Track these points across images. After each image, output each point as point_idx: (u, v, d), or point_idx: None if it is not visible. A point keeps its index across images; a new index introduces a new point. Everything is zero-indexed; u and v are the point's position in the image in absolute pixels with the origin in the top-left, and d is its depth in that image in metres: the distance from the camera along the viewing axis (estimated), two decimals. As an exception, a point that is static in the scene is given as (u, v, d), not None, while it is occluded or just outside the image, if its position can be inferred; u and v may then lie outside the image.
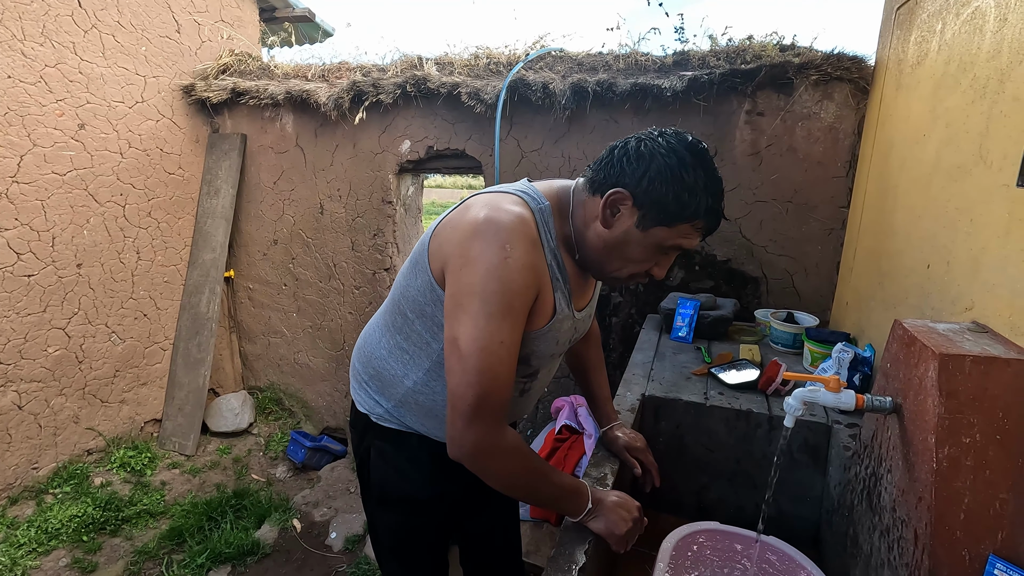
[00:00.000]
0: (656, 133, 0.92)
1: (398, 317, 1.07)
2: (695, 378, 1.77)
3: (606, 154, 0.95)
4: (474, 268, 0.86)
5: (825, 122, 2.15)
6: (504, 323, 0.86)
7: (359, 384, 1.18)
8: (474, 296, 0.85)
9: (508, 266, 0.85)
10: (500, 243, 0.86)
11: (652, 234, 0.91)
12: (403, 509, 1.16)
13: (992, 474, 0.85)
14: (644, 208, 0.90)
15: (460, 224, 0.92)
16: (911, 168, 1.52)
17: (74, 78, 2.55)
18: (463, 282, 0.87)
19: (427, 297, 0.99)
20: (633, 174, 0.89)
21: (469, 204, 0.95)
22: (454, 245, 0.90)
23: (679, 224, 0.90)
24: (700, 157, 0.89)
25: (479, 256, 0.86)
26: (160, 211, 3.01)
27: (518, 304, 0.87)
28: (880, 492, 1.10)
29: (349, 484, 2.93)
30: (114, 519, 2.53)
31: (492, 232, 0.86)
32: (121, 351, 2.92)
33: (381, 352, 1.10)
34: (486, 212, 0.89)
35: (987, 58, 1.12)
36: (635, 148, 0.91)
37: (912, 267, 1.42)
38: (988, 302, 1.02)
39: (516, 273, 0.86)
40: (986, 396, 0.87)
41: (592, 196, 0.95)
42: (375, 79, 2.70)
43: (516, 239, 0.87)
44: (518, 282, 0.86)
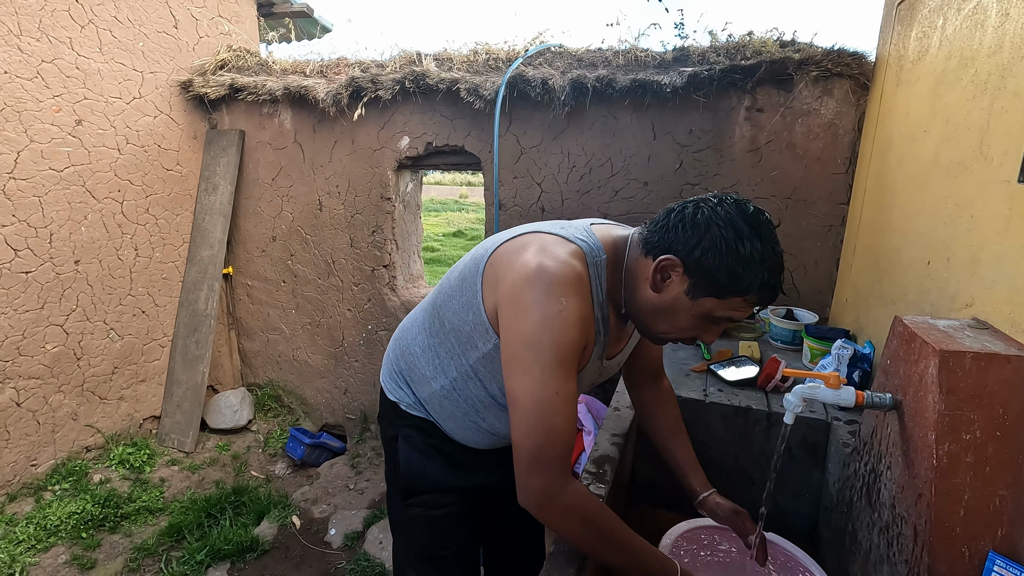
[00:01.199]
0: (716, 200, 0.89)
1: (435, 322, 1.10)
2: (694, 375, 1.77)
3: (663, 216, 0.94)
4: (528, 319, 0.86)
5: (825, 118, 2.15)
6: (557, 373, 0.85)
7: (391, 373, 1.22)
8: (528, 347, 0.86)
9: (563, 319, 0.85)
10: (555, 296, 0.86)
11: (701, 304, 0.90)
12: (428, 500, 1.18)
13: (992, 471, 0.85)
14: (695, 277, 0.88)
15: (515, 264, 0.91)
16: (910, 164, 1.52)
17: (71, 73, 2.53)
18: (517, 332, 0.87)
19: (469, 319, 1.01)
20: (687, 242, 0.88)
21: (527, 241, 0.95)
22: (508, 287, 0.90)
23: (730, 297, 0.88)
24: (759, 229, 0.86)
25: (533, 307, 0.86)
26: (158, 207, 3.00)
27: (570, 355, 0.87)
28: (880, 488, 1.10)
29: (348, 481, 2.93)
30: (113, 516, 2.53)
31: (546, 283, 0.86)
32: (119, 348, 2.91)
33: (415, 349, 1.15)
34: (541, 260, 0.88)
35: (988, 53, 1.12)
36: (692, 214, 0.89)
37: (911, 264, 1.42)
38: (988, 299, 1.02)
39: (569, 327, 0.86)
40: (986, 392, 0.87)
41: (645, 257, 0.94)
42: (374, 75, 2.69)
43: (570, 292, 0.87)
44: (570, 335, 0.86)
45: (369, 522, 2.56)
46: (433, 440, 1.16)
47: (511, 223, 2.68)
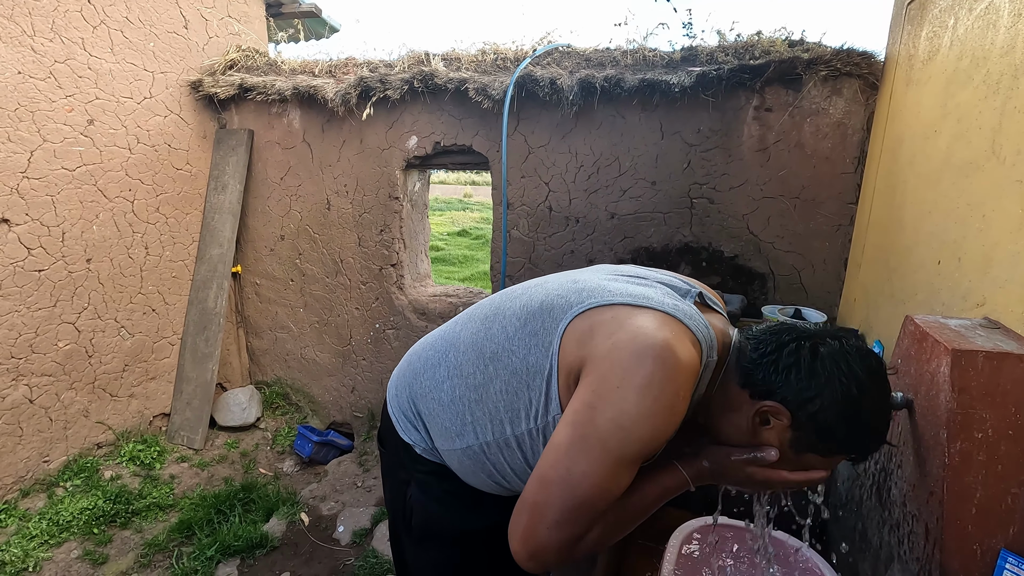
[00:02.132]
0: (837, 343, 0.79)
1: (478, 373, 0.93)
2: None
3: (772, 348, 0.81)
4: (634, 397, 0.73)
5: (834, 118, 2.15)
6: (632, 467, 0.77)
7: (404, 412, 1.06)
8: (620, 431, 0.73)
9: (671, 416, 0.75)
10: (675, 387, 0.74)
11: (805, 459, 0.81)
12: (446, 544, 1.07)
13: (1004, 469, 0.86)
14: (803, 432, 0.79)
15: (630, 326, 0.78)
16: (921, 164, 1.52)
17: (83, 74, 2.56)
18: (612, 406, 0.73)
19: (533, 382, 0.87)
20: (801, 392, 0.78)
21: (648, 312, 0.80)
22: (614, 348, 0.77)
23: (838, 456, 0.81)
24: (881, 385, 0.79)
25: (647, 387, 0.73)
26: (168, 207, 3.02)
27: (654, 451, 0.78)
28: (890, 487, 1.10)
29: (356, 479, 2.94)
30: (124, 512, 2.56)
31: (672, 369, 0.74)
32: (130, 345, 2.94)
33: (441, 396, 0.98)
34: (670, 339, 0.76)
35: (1001, 53, 1.12)
36: (809, 360, 0.78)
37: (922, 263, 1.42)
38: (1000, 298, 1.02)
39: (672, 427, 0.76)
40: (998, 391, 0.87)
41: (741, 388, 0.83)
42: (382, 75, 2.70)
43: (686, 388, 0.76)
44: (667, 435, 0.77)
45: (377, 519, 2.58)
46: (448, 485, 1.03)
47: (519, 222, 2.69)
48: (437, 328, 1.12)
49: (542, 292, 0.93)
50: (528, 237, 2.67)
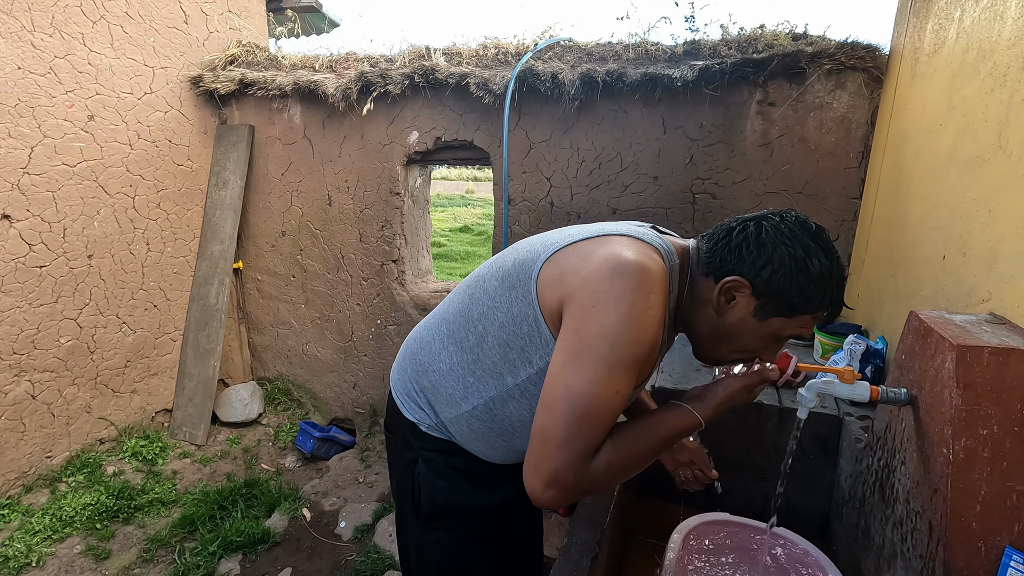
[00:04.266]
0: (777, 217, 0.88)
1: (470, 336, 1.00)
2: (704, 370, 1.76)
3: (723, 235, 0.90)
4: (612, 310, 0.79)
5: (837, 112, 2.13)
6: (626, 373, 0.80)
7: (408, 392, 1.11)
8: (604, 339, 0.79)
9: (650, 316, 0.80)
10: (645, 290, 0.81)
11: (769, 324, 0.88)
12: (454, 522, 1.09)
13: (1009, 466, 0.85)
14: (763, 299, 0.86)
15: (595, 256, 0.86)
16: (926, 158, 1.50)
17: (83, 69, 2.55)
18: (594, 322, 0.80)
19: (521, 330, 0.92)
20: (754, 263, 0.85)
21: (604, 240, 0.89)
22: (585, 278, 0.84)
23: (800, 315, 0.86)
24: (825, 245, 0.85)
25: (620, 298, 0.80)
26: (169, 202, 3.02)
27: (644, 355, 0.82)
28: (893, 484, 1.10)
29: (357, 474, 2.95)
30: (127, 507, 2.56)
31: (638, 276, 0.81)
32: (132, 341, 2.94)
33: (440, 367, 1.04)
34: (638, 258, 0.83)
35: (1008, 45, 1.10)
36: (755, 234, 0.87)
37: (926, 258, 1.41)
38: (1006, 293, 1.01)
39: (653, 328, 0.81)
40: (1004, 387, 0.86)
41: (706, 278, 0.91)
42: (383, 70, 2.69)
43: (659, 291, 0.83)
44: (651, 336, 0.81)
45: (379, 515, 2.58)
46: (456, 461, 1.07)
47: (520, 218, 2.68)
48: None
49: (515, 253, 1.00)
50: (529, 233, 2.66)
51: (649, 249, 0.88)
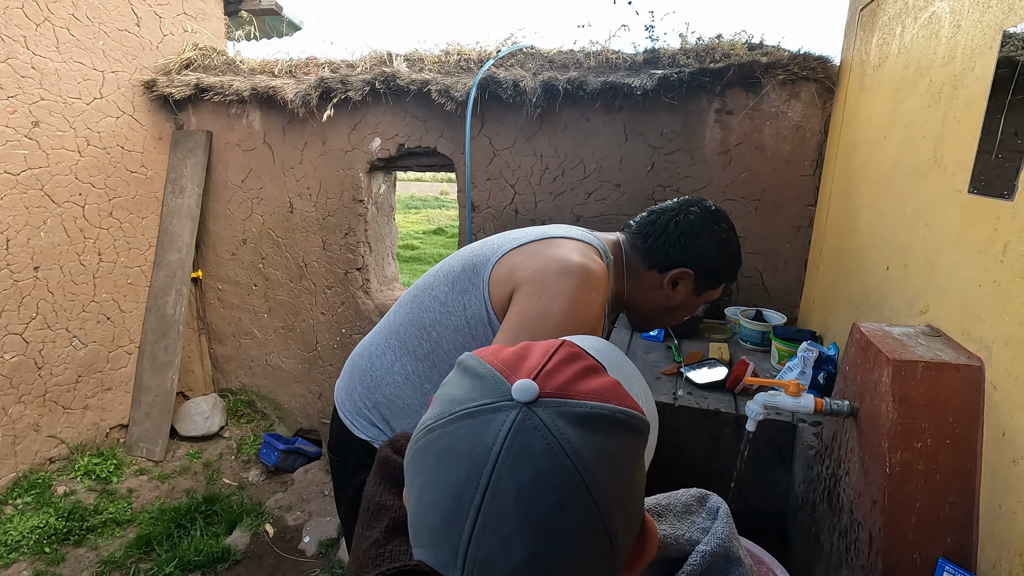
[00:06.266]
0: (696, 208, 1.05)
1: (424, 344, 1.02)
2: (665, 378, 1.78)
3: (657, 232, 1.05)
4: (556, 300, 0.88)
5: (792, 121, 2.17)
6: None
7: (358, 410, 1.10)
8: (545, 324, 0.86)
9: (588, 312, 0.90)
10: (587, 289, 0.91)
11: (705, 296, 1.09)
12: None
13: (942, 478, 0.87)
14: (701, 279, 1.05)
15: (542, 256, 0.95)
16: (873, 168, 1.54)
17: (26, 73, 2.45)
18: (537, 307, 0.88)
19: (476, 331, 0.97)
20: (693, 252, 1.03)
21: (549, 243, 0.99)
22: (533, 273, 0.92)
23: (721, 284, 1.09)
24: (731, 224, 1.07)
25: (563, 292, 0.89)
26: (122, 211, 2.92)
27: None
28: (839, 493, 1.12)
29: (323, 487, 2.89)
30: (78, 529, 2.46)
31: (584, 277, 0.91)
32: (83, 356, 2.83)
33: (395, 379, 1.05)
34: (582, 259, 0.94)
35: (942, 63, 1.13)
36: (686, 226, 1.03)
37: (873, 267, 1.44)
38: (942, 306, 1.04)
39: (591, 321, 0.91)
40: (937, 401, 0.88)
41: (649, 270, 1.06)
42: (343, 76, 2.64)
43: (600, 290, 0.93)
44: (588, 329, 0.90)
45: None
46: None
47: (484, 225, 2.66)
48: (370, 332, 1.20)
49: (461, 258, 1.05)
50: (494, 240, 2.64)
51: (591, 250, 0.99)
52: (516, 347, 0.46)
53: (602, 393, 0.41)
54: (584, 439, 0.38)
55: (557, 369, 0.42)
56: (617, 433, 0.40)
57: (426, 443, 0.40)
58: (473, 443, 0.37)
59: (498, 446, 0.37)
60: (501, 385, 0.40)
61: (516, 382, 0.40)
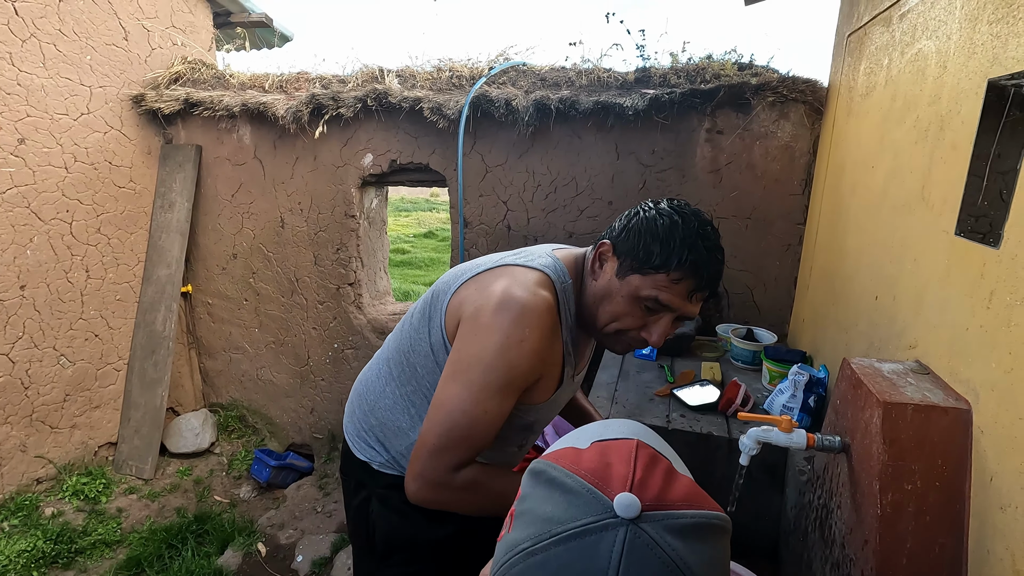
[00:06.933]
0: (660, 200, 0.97)
1: (405, 369, 1.06)
2: (657, 399, 1.79)
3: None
4: (488, 339, 0.88)
5: (782, 141, 2.20)
6: (496, 397, 0.88)
7: (359, 432, 1.14)
8: (479, 364, 0.88)
9: (522, 349, 0.88)
10: (521, 325, 0.88)
11: (628, 282, 0.92)
12: (409, 558, 1.12)
13: (932, 519, 0.89)
14: (621, 256, 0.93)
15: (486, 290, 0.93)
16: (862, 194, 1.56)
17: (12, 90, 2.41)
18: (472, 347, 0.89)
19: (440, 358, 1.00)
20: (619, 227, 0.96)
21: (499, 273, 0.96)
22: (474, 309, 0.92)
23: (651, 273, 0.90)
24: (681, 213, 0.91)
25: (496, 330, 0.87)
26: (110, 226, 2.89)
27: (518, 384, 0.90)
28: (831, 525, 1.13)
29: (315, 503, 2.88)
30: (67, 552, 2.43)
31: (517, 312, 0.88)
32: (71, 374, 2.79)
33: (385, 402, 1.09)
34: (521, 293, 0.90)
35: (929, 102, 1.16)
36: (631, 210, 0.97)
37: (862, 294, 1.46)
38: (930, 343, 1.06)
39: (525, 359, 0.88)
40: (926, 443, 0.90)
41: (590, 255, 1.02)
42: (335, 92, 2.63)
43: (536, 325, 0.89)
44: (523, 367, 0.89)
45: (337, 547, 2.52)
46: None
47: (477, 241, 2.67)
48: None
49: (435, 285, 1.07)
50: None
51: (539, 280, 0.94)
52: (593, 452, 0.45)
53: (691, 498, 0.42)
54: (692, 551, 0.38)
55: (647, 477, 0.42)
56: (715, 538, 0.41)
57: (527, 568, 0.39)
58: (586, 565, 0.37)
59: (613, 568, 0.36)
60: (600, 501, 0.40)
61: (617, 497, 0.39)
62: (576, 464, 0.44)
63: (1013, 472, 0.76)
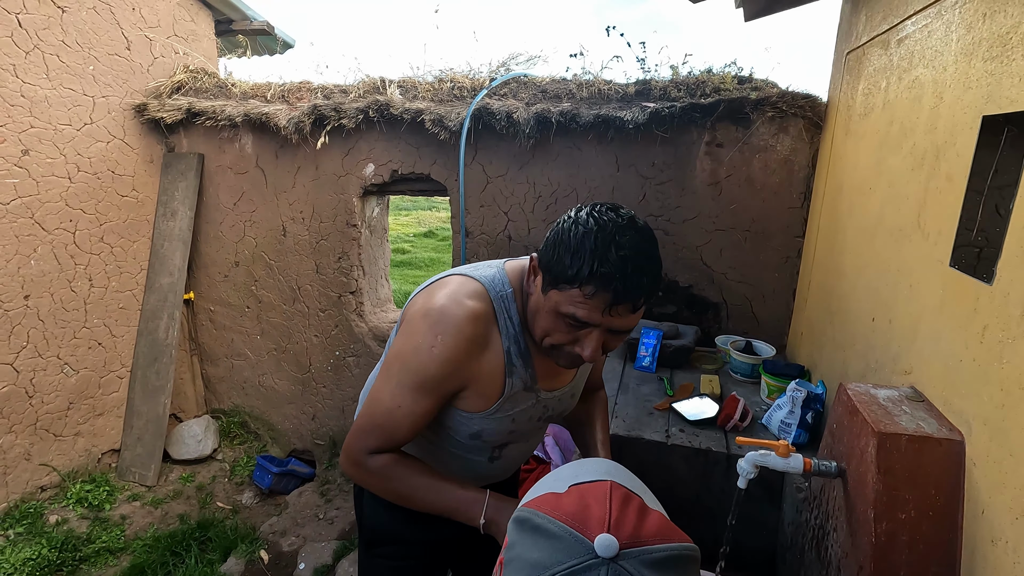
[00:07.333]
0: (584, 206, 0.89)
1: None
2: (657, 413, 1.81)
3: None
4: (410, 342, 0.95)
5: (781, 154, 2.22)
6: (409, 395, 0.95)
7: None
8: (399, 363, 0.96)
9: (431, 355, 0.93)
10: (434, 332, 0.93)
11: (549, 298, 0.88)
12: (391, 551, 1.20)
13: (926, 548, 0.91)
14: (543, 270, 0.89)
15: (423, 299, 0.99)
16: (859, 216, 1.58)
17: (15, 102, 2.43)
18: (399, 348, 0.97)
19: None
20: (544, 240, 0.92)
21: (443, 283, 1.00)
22: (410, 312, 0.99)
23: (566, 287, 0.84)
24: (602, 224, 0.83)
25: (416, 334, 0.94)
26: (113, 235, 2.90)
27: (430, 386, 0.95)
28: (828, 546, 1.15)
29: (317, 510, 2.90)
30: (71, 559, 2.45)
31: (435, 320, 0.93)
32: (75, 382, 2.81)
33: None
34: (443, 301, 0.95)
35: (925, 131, 1.17)
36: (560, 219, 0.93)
37: (858, 315, 1.48)
38: (924, 370, 1.07)
39: (434, 364, 0.93)
40: (920, 473, 0.92)
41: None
42: (336, 103, 2.65)
43: (450, 333, 0.92)
44: (432, 371, 0.93)
45: (339, 554, 2.54)
46: None
47: (478, 251, 2.68)
48: None
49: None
50: (488, 266, 2.66)
51: (474, 289, 0.97)
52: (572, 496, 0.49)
53: (663, 532, 0.46)
54: None
55: (622, 517, 0.46)
56: (686, 567, 0.45)
57: None
58: None
59: None
60: (582, 543, 0.44)
61: (597, 538, 0.43)
62: (557, 509, 0.48)
63: (1004, 507, 0.79)
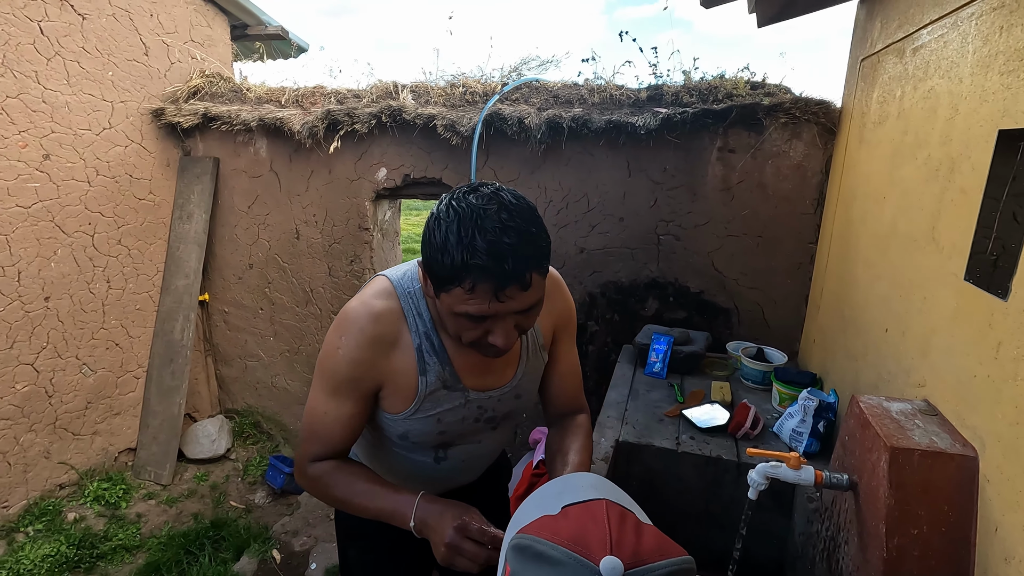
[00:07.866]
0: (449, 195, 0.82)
1: None
2: (667, 420, 1.81)
3: None
4: (324, 347, 0.98)
5: (794, 160, 2.20)
6: (331, 400, 0.97)
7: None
8: (318, 369, 0.98)
9: (336, 356, 0.94)
10: (339, 334, 0.95)
11: (442, 301, 0.82)
12: (362, 545, 1.23)
13: (937, 563, 0.90)
14: (427, 275, 0.84)
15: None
16: (872, 225, 1.57)
17: (37, 108, 2.48)
18: (319, 354, 0.99)
19: None
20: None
21: (367, 284, 1.03)
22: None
23: (449, 287, 0.79)
24: (464, 214, 0.76)
25: (328, 339, 0.97)
26: (131, 238, 2.95)
27: (345, 389, 0.96)
28: (839, 559, 1.15)
29: (328, 511, 2.93)
30: (88, 556, 2.50)
31: (339, 322, 0.96)
32: (92, 382, 2.86)
33: None
34: (352, 303, 0.97)
35: (939, 142, 1.17)
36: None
37: (871, 325, 1.48)
38: (937, 384, 1.07)
39: (340, 364, 0.94)
40: (932, 488, 0.92)
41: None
42: (349, 108, 2.67)
43: (353, 334, 0.94)
44: (341, 372, 0.95)
45: (350, 556, 2.57)
46: None
47: (489, 255, 2.69)
48: None
49: None
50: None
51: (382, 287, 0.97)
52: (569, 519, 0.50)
53: (661, 547, 0.48)
54: None
55: (621, 536, 0.47)
56: None
57: None
58: None
59: None
60: (586, 567, 0.45)
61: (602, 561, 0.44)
62: (557, 534, 0.48)
63: (1018, 526, 0.78)
